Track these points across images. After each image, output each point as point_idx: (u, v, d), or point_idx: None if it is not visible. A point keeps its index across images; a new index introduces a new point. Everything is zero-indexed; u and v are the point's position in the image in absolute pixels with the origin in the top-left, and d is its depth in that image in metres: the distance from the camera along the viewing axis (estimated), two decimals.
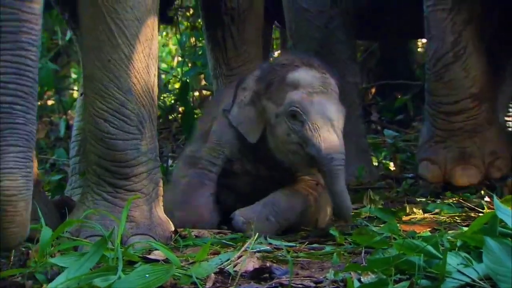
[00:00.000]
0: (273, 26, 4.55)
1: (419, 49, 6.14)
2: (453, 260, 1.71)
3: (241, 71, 3.27)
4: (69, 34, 4.77)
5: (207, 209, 2.54)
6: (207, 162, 2.59)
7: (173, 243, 2.30)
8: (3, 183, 1.68)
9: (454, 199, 2.89)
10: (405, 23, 3.72)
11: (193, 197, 2.55)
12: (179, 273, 1.85)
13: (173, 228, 2.34)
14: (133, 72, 2.24)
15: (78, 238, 2.13)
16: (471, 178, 2.95)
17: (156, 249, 2.05)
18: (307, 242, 2.30)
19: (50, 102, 6.19)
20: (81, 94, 3.16)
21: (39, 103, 5.90)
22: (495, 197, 1.79)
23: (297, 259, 2.07)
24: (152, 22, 2.28)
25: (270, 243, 2.25)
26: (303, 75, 2.44)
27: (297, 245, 2.26)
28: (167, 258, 1.97)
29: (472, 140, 2.96)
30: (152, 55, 2.30)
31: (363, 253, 2.06)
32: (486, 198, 2.80)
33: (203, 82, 6.03)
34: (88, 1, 2.23)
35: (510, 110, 3.73)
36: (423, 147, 3.09)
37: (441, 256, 1.69)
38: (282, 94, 2.43)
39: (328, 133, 2.37)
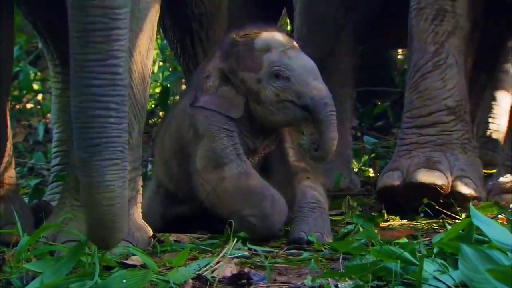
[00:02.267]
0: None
1: (399, 56, 6.18)
2: (429, 267, 1.73)
3: None
4: None
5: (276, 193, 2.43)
6: (229, 148, 2.47)
7: (151, 248, 2.29)
8: (101, 195, 1.75)
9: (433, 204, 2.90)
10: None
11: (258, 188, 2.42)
12: (156, 278, 1.84)
13: (151, 233, 2.33)
14: (130, 82, 2.22)
15: (54, 243, 2.11)
16: (435, 178, 2.73)
17: (134, 255, 2.04)
18: (285, 248, 2.30)
19: (29, 106, 6.14)
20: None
21: (17, 106, 5.87)
22: (471, 205, 1.81)
23: (275, 265, 2.07)
24: (152, 32, 2.28)
25: (248, 249, 2.25)
26: (270, 37, 2.51)
27: (276, 250, 2.26)
28: (144, 264, 1.97)
29: (442, 153, 2.81)
30: (148, 65, 2.31)
31: (341, 259, 2.07)
32: None
33: (184, 87, 6.03)
34: None
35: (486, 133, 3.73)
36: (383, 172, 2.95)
37: (418, 263, 1.70)
38: (257, 60, 2.47)
39: (316, 81, 2.43)
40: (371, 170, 3.95)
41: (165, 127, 2.72)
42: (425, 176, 2.74)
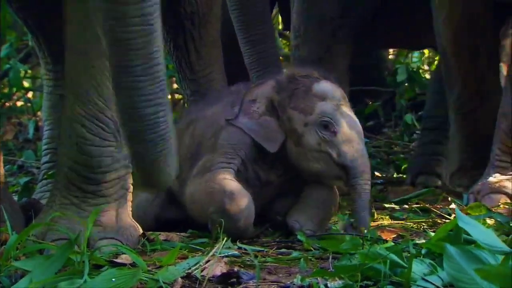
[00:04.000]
0: None
1: (390, 57, 6.20)
2: (418, 267, 1.74)
3: (205, 73, 3.27)
4: None
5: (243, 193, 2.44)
6: (223, 163, 2.50)
7: (140, 247, 2.29)
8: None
9: (421, 204, 2.92)
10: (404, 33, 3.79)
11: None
12: (145, 277, 1.84)
13: (140, 232, 2.33)
14: None
15: (44, 242, 2.11)
16: None
17: (123, 253, 2.04)
18: (275, 247, 2.31)
19: (19, 103, 6.12)
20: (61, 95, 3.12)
21: (7, 104, 5.85)
22: (456, 208, 1.82)
23: (265, 264, 2.08)
24: None
25: (238, 248, 2.25)
26: (328, 87, 2.52)
27: (265, 250, 2.27)
28: (134, 262, 1.96)
29: None
30: None
31: (330, 259, 2.07)
32: (453, 205, 2.82)
33: (175, 86, 6.02)
34: (77, 7, 2.23)
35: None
36: None
37: (405, 265, 1.71)
38: (311, 104, 2.48)
39: (359, 146, 2.45)
40: None
41: (185, 126, 2.69)
42: None
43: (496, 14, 3.15)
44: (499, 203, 2.83)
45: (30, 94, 6.16)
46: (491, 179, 2.92)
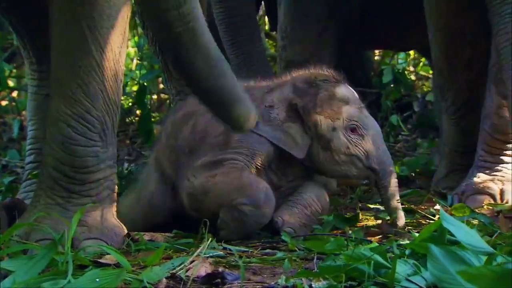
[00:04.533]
0: None
1: (376, 57, 6.22)
2: (402, 268, 1.75)
3: None
4: None
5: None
6: (239, 162, 2.48)
7: (125, 247, 2.28)
8: None
9: (406, 205, 2.93)
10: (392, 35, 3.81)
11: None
12: (130, 277, 1.84)
13: (125, 232, 2.33)
14: (102, 80, 2.23)
15: (27, 242, 2.10)
16: None
17: (108, 253, 2.03)
18: (260, 248, 2.31)
19: (4, 103, 6.08)
20: (46, 95, 3.10)
21: None
22: (441, 208, 1.83)
23: (250, 264, 2.08)
24: (124, 30, 2.28)
25: (223, 248, 2.25)
26: (349, 91, 2.57)
27: (250, 250, 2.27)
28: (118, 263, 1.96)
29: None
30: (121, 62, 2.31)
31: (315, 259, 2.08)
32: (437, 206, 2.84)
33: (161, 86, 6.01)
34: (63, 6, 2.22)
35: None
36: None
37: (389, 265, 1.72)
38: (337, 109, 2.51)
39: (384, 146, 2.53)
40: None
41: (183, 119, 2.65)
42: None
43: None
44: (483, 204, 2.85)
45: (15, 94, 6.13)
46: (475, 179, 2.94)
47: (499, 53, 2.67)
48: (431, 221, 2.59)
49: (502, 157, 2.95)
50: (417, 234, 2.12)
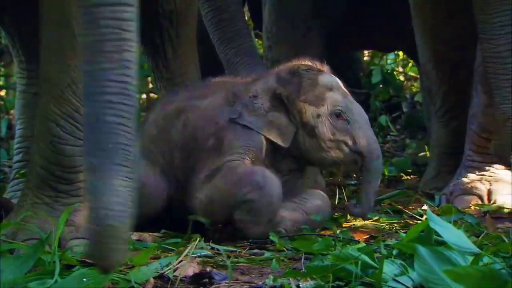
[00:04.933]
0: None
1: (365, 58, 6.24)
2: (389, 268, 1.75)
3: (182, 72, 3.26)
4: None
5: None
6: (235, 160, 2.47)
7: None
8: (110, 199, 1.65)
9: (393, 205, 2.94)
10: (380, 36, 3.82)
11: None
12: (117, 277, 1.83)
13: None
14: None
15: (14, 241, 2.09)
16: None
17: None
18: (248, 248, 2.31)
19: None
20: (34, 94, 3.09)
21: None
22: (428, 209, 1.84)
23: (238, 264, 2.08)
24: None
25: (211, 248, 2.25)
26: (332, 78, 2.57)
27: (238, 250, 2.27)
28: None
29: None
30: None
31: (303, 259, 2.08)
32: (425, 207, 2.85)
33: (150, 85, 5.99)
34: (54, 5, 2.21)
35: None
36: None
37: (377, 266, 1.73)
38: (320, 96, 2.51)
39: (370, 131, 2.53)
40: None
41: (175, 114, 2.63)
42: None
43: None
44: (470, 204, 2.86)
45: (3, 92, 6.10)
46: (463, 179, 2.96)
47: (485, 59, 2.69)
48: (418, 222, 2.60)
49: (489, 157, 2.96)
50: (404, 235, 2.13)
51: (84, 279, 1.75)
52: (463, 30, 2.87)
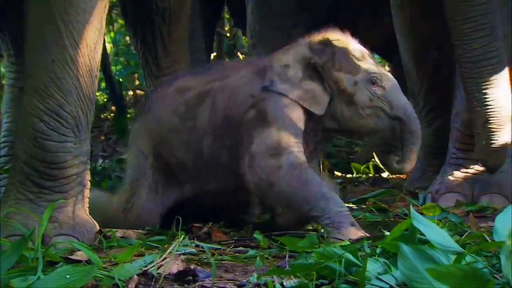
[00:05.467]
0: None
1: None
2: (372, 266, 1.75)
3: (171, 71, 3.26)
4: None
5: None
6: (292, 143, 2.45)
7: (97, 244, 2.27)
8: None
9: (378, 204, 2.95)
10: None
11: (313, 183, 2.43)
12: (101, 274, 1.83)
13: (97, 229, 2.31)
14: (76, 75, 2.22)
15: None
16: None
17: (79, 250, 2.02)
18: (232, 245, 2.31)
19: None
20: (20, 89, 3.08)
21: None
22: (411, 208, 1.85)
23: (222, 262, 2.08)
24: (100, 25, 2.27)
25: (196, 245, 2.25)
26: (361, 47, 2.59)
27: (223, 248, 2.27)
28: (89, 259, 1.95)
29: None
30: (97, 58, 2.29)
31: (287, 257, 2.08)
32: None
33: (137, 82, 5.99)
34: (38, 1, 2.20)
35: None
36: None
37: (360, 264, 1.73)
38: (354, 64, 2.53)
39: (404, 97, 2.56)
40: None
41: (196, 101, 2.57)
42: None
43: None
44: (455, 203, 2.88)
45: None
46: (449, 177, 2.97)
47: (459, 64, 2.71)
48: (402, 220, 2.61)
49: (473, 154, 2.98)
50: (388, 233, 2.14)
51: (67, 276, 1.74)
52: (442, 29, 2.89)
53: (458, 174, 2.98)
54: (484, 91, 2.65)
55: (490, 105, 2.66)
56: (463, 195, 2.94)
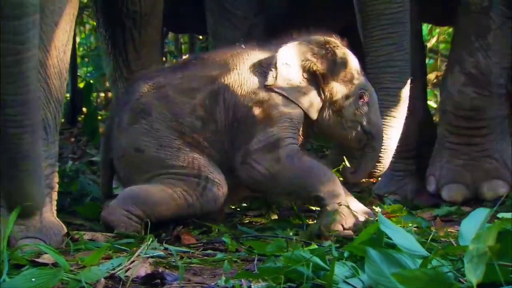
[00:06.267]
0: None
1: None
2: (340, 270, 1.76)
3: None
4: None
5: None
6: (289, 140, 2.53)
7: (64, 247, 2.25)
8: None
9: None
10: None
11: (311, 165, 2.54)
12: (67, 277, 1.81)
13: (65, 232, 2.29)
14: (45, 77, 2.20)
15: None
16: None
17: (46, 253, 2.00)
18: (201, 249, 2.31)
19: None
20: None
21: None
22: (379, 212, 1.86)
23: (191, 265, 2.08)
24: (69, 27, 2.25)
25: (164, 249, 2.24)
26: (355, 59, 2.64)
27: (191, 251, 2.26)
28: (56, 262, 1.93)
29: None
30: (66, 60, 2.27)
31: (256, 261, 2.09)
32: (378, 209, 2.88)
33: (107, 84, 5.94)
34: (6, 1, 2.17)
35: None
36: None
37: (328, 267, 1.74)
38: (351, 77, 2.60)
39: (379, 114, 2.66)
40: None
41: (212, 100, 2.57)
42: None
43: None
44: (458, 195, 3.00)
45: None
46: (450, 165, 3.07)
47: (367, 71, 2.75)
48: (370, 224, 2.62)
49: (468, 138, 3.07)
50: (356, 237, 2.15)
51: (33, 279, 1.73)
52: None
53: (458, 162, 3.07)
54: (386, 96, 2.73)
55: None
56: (465, 185, 3.05)
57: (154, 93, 2.58)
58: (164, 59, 6.16)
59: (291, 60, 2.55)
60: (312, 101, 2.57)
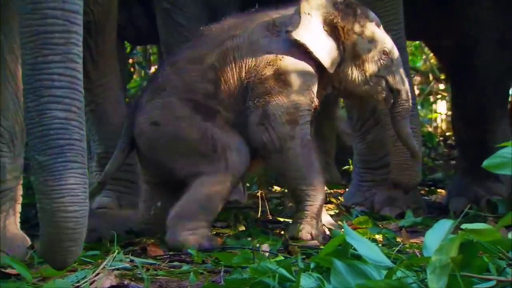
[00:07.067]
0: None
1: None
2: (306, 282, 1.76)
3: (102, 83, 3.22)
4: None
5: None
6: (307, 112, 2.55)
7: (28, 259, 2.22)
8: (65, 199, 1.64)
9: None
10: None
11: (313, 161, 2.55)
12: None
13: (29, 244, 2.26)
14: (15, 90, 2.18)
15: None
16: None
17: (9, 265, 1.97)
18: (167, 260, 2.29)
19: None
20: None
21: None
22: (344, 223, 1.87)
23: (156, 277, 2.06)
24: None
25: (130, 261, 2.22)
26: (377, 17, 2.65)
27: (157, 263, 2.25)
28: (19, 274, 1.91)
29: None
30: None
31: (222, 272, 2.08)
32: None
33: None
34: None
35: None
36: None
37: (294, 279, 1.74)
38: (372, 32, 2.61)
39: (403, 70, 2.66)
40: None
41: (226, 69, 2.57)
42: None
43: None
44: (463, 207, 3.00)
45: None
46: (460, 182, 3.36)
47: None
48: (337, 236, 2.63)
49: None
50: (322, 248, 2.16)
51: None
52: None
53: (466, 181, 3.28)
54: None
55: None
56: (469, 198, 3.18)
57: (170, 70, 2.64)
58: (132, 69, 6.14)
59: (313, 11, 2.56)
60: (330, 54, 2.57)
